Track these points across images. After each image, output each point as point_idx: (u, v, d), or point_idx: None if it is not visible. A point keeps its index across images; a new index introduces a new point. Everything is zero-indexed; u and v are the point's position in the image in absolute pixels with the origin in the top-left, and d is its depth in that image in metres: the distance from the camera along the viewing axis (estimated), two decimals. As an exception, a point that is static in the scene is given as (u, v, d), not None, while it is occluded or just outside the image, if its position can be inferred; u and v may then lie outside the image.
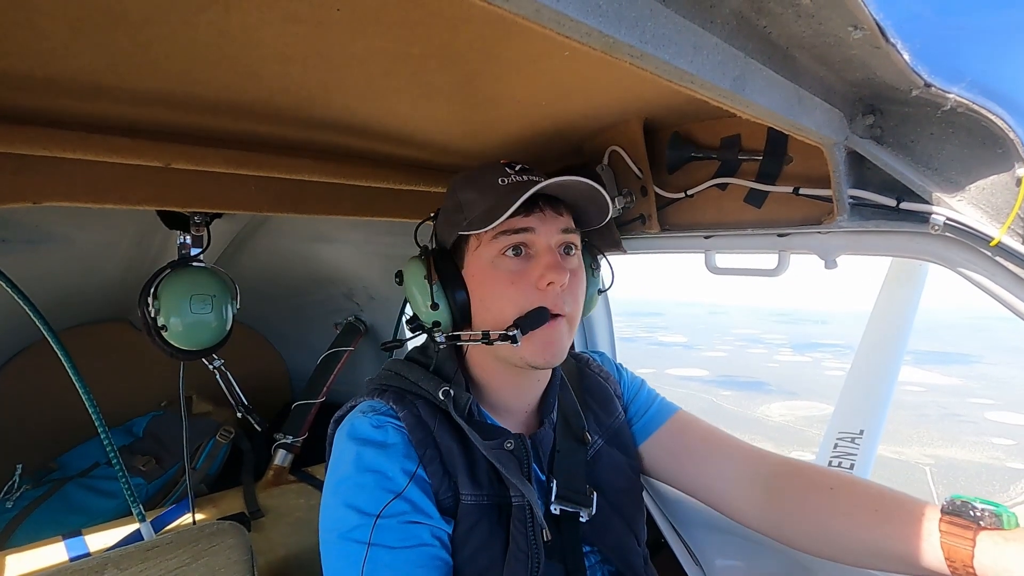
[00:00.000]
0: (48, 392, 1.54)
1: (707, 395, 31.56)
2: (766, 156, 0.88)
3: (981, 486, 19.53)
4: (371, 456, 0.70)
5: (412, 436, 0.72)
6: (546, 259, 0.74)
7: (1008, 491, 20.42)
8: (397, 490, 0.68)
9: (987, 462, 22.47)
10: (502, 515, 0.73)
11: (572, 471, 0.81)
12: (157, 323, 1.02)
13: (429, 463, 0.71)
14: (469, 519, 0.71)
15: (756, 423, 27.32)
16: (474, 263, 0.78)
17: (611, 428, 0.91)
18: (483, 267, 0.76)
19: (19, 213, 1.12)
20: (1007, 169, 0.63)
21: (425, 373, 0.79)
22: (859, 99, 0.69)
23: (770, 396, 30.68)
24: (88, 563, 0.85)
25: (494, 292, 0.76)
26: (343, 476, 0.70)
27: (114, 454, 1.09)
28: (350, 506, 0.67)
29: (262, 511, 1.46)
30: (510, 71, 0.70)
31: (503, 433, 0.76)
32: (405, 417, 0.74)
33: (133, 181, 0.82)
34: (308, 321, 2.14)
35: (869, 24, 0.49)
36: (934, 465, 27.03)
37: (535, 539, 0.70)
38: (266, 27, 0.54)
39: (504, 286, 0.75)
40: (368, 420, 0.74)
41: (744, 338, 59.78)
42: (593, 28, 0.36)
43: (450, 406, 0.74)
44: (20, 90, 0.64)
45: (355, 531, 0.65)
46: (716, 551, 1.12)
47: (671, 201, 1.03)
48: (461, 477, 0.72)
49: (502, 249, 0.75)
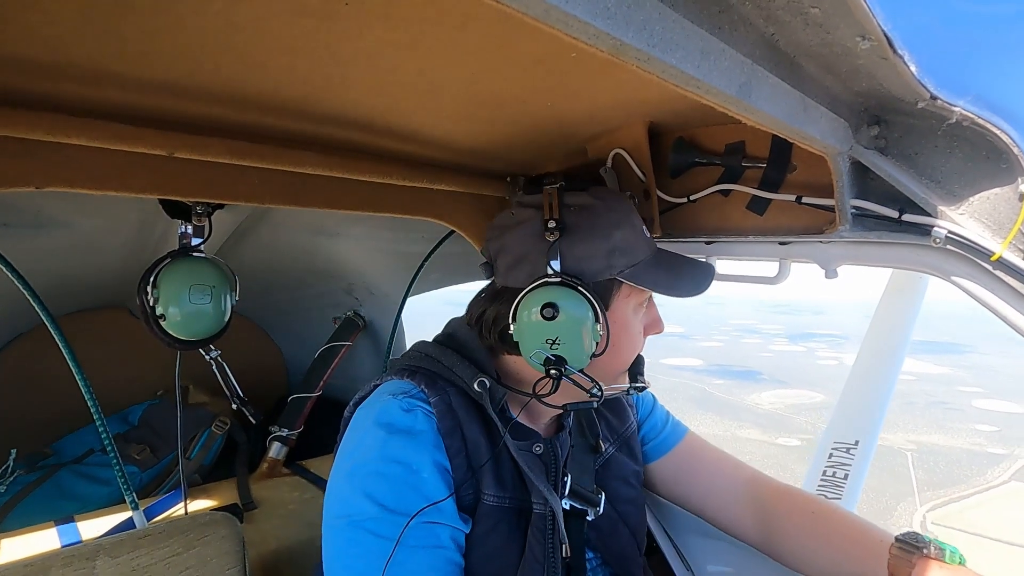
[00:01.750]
0: (45, 378, 1.54)
1: (699, 384, 31.76)
2: (770, 164, 0.88)
3: (960, 470, 19.99)
4: (398, 445, 0.67)
5: (441, 425, 0.70)
6: (656, 311, 0.81)
7: (985, 475, 20.66)
8: (421, 486, 0.66)
9: (969, 448, 22.87)
10: (520, 520, 0.71)
11: (583, 472, 0.81)
12: (156, 312, 1.02)
13: (455, 456, 0.69)
14: (488, 520, 0.69)
15: (745, 411, 27.58)
16: (621, 309, 0.77)
17: (623, 436, 0.92)
18: (628, 315, 0.78)
19: (21, 198, 1.12)
20: (1010, 183, 0.63)
21: (461, 359, 0.76)
22: (864, 109, 0.69)
23: (761, 385, 30.93)
24: (80, 550, 0.85)
25: (631, 341, 0.79)
26: (364, 462, 0.67)
27: (109, 441, 1.09)
28: (369, 496, 0.64)
29: (255, 503, 1.46)
30: (516, 71, 0.70)
31: (533, 435, 0.75)
32: (436, 404, 0.71)
33: (136, 169, 0.81)
34: (307, 314, 2.14)
35: (877, 35, 0.49)
36: (916, 451, 27.34)
37: (553, 550, 0.69)
38: (275, 19, 0.54)
39: (639, 336, 0.79)
40: (398, 403, 0.70)
41: (740, 328, 59.93)
42: (601, 30, 0.36)
43: (485, 399, 0.71)
44: (25, 74, 0.64)
45: (370, 522, 0.63)
46: (708, 557, 1.13)
47: (673, 206, 1.03)
48: (486, 475, 0.70)
49: (643, 300, 0.79)
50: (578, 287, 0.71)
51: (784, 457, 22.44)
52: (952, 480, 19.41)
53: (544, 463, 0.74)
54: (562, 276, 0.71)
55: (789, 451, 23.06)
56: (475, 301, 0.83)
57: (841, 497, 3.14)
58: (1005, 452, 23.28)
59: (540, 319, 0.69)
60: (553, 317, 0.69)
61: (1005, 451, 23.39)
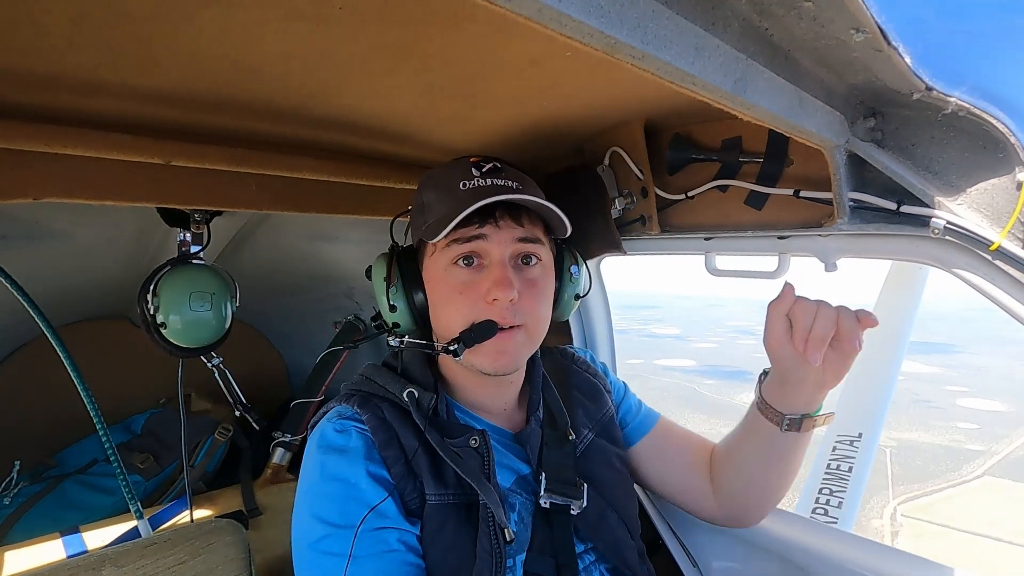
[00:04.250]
0: (47, 389, 1.53)
1: (690, 384, 31.93)
2: (767, 158, 0.88)
3: (936, 465, 20.32)
4: (334, 463, 0.70)
5: (376, 438, 0.72)
6: (495, 273, 0.73)
7: (960, 470, 20.89)
8: (361, 497, 0.68)
9: (948, 444, 23.16)
10: (471, 514, 0.72)
11: (561, 464, 0.81)
12: (156, 320, 1.02)
13: (393, 464, 0.71)
14: (435, 519, 0.70)
15: (731, 408, 27.90)
16: (430, 269, 0.78)
17: (601, 421, 0.92)
18: (437, 274, 0.77)
19: (19, 209, 1.12)
20: (1008, 173, 0.63)
21: (393, 376, 0.80)
22: (860, 102, 0.69)
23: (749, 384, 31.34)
24: (86, 560, 0.84)
25: (445, 301, 0.76)
26: (308, 485, 0.71)
27: (112, 451, 1.09)
28: (316, 516, 0.67)
29: (260, 509, 1.46)
30: (511, 71, 0.70)
31: (468, 431, 0.75)
32: (369, 420, 0.74)
33: (133, 178, 0.81)
34: (307, 319, 2.14)
35: (871, 27, 0.49)
36: (896, 447, 27.55)
37: (496, 539, 0.70)
38: (268, 24, 0.54)
39: (454, 296, 0.75)
40: (332, 425, 0.74)
41: (737, 330, 59.95)
42: (595, 29, 0.36)
43: (412, 407, 0.74)
44: (21, 86, 0.64)
45: (322, 542, 0.66)
46: (713, 553, 1.12)
47: (672, 202, 1.03)
48: (426, 477, 0.72)
49: (454, 258, 0.74)
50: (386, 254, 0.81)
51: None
52: (927, 475, 19.63)
53: (479, 455, 0.74)
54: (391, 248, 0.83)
55: (766, 445, 23.52)
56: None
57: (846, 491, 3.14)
58: (982, 449, 23.57)
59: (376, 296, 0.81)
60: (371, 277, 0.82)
61: (983, 448, 23.68)
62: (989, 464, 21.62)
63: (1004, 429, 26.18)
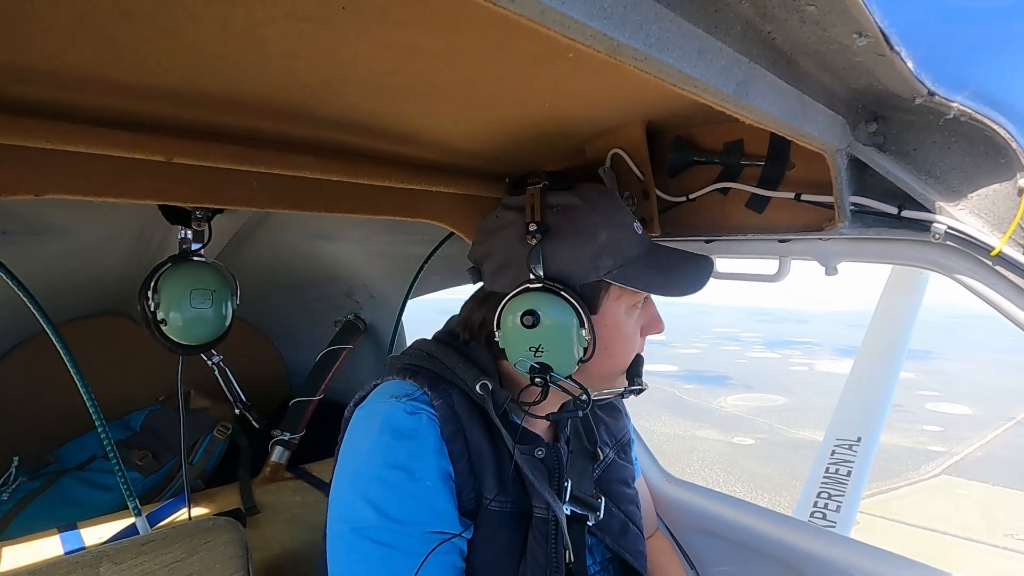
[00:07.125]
0: (46, 385, 1.53)
1: (670, 388, 32.15)
2: (768, 161, 0.88)
3: (897, 465, 20.80)
4: (401, 450, 0.66)
5: (444, 428, 0.68)
6: (655, 309, 0.78)
7: (919, 469, 21.23)
8: (424, 495, 0.65)
9: (911, 446, 23.51)
10: (521, 524, 0.70)
11: (582, 475, 0.81)
12: (157, 317, 1.02)
13: (457, 460, 0.68)
14: (490, 525, 0.68)
15: (708, 412, 28.25)
16: (612, 311, 0.75)
17: (621, 442, 0.92)
18: (619, 317, 0.75)
19: (20, 205, 1.12)
20: (1009, 179, 0.63)
21: (463, 360, 0.74)
22: (862, 106, 0.69)
23: (728, 389, 31.48)
24: (83, 557, 0.84)
25: (624, 343, 0.76)
26: (366, 468, 0.66)
27: (111, 448, 1.09)
28: (371, 503, 0.64)
29: (258, 507, 1.46)
30: (514, 72, 0.70)
31: (535, 439, 0.74)
32: (440, 407, 0.69)
33: (135, 175, 0.81)
34: (307, 318, 2.14)
35: (874, 31, 0.49)
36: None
37: (556, 556, 0.68)
38: (271, 23, 0.54)
39: (634, 337, 0.77)
40: (402, 406, 0.69)
41: (721, 336, 60.04)
42: (597, 31, 0.36)
43: (488, 402, 0.70)
44: (22, 82, 0.64)
45: (372, 530, 0.63)
46: (713, 558, 1.13)
47: (672, 205, 1.03)
48: (488, 480, 0.69)
49: (636, 301, 0.77)
50: (561, 292, 0.69)
51: (735, 454, 22.96)
52: (886, 474, 19.84)
53: (547, 467, 0.73)
54: (544, 282, 0.70)
55: (742, 449, 23.63)
56: (467, 303, 0.83)
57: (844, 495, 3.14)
58: (943, 450, 23.84)
59: (522, 327, 0.68)
60: (534, 324, 0.68)
61: (944, 449, 23.95)
62: (947, 464, 21.96)
63: (967, 431, 26.49)
